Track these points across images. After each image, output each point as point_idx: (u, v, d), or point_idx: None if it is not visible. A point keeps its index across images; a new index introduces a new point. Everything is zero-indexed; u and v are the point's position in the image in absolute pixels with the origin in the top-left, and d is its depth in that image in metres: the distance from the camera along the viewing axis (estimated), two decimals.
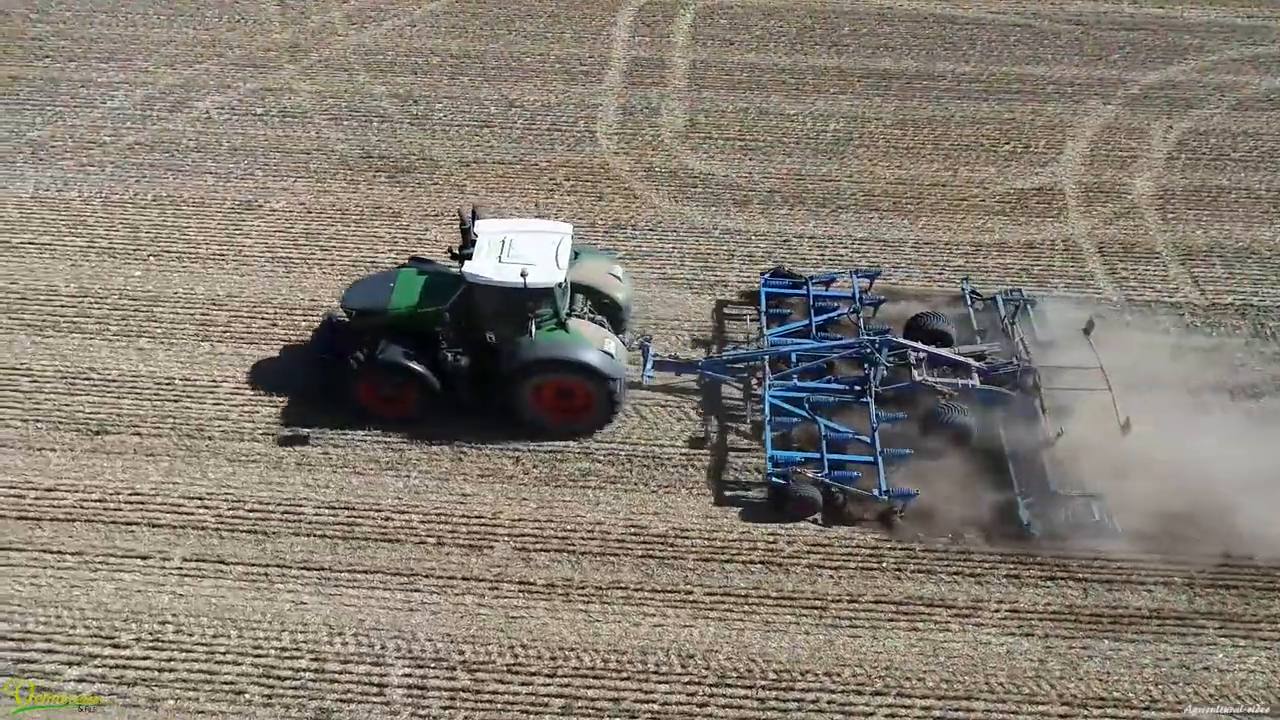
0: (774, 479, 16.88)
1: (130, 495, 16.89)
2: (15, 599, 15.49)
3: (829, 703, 14.68)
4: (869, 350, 18.03)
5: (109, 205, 22.38)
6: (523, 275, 16.47)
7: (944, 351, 18.46)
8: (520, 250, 17.08)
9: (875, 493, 16.63)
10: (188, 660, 14.87)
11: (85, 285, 20.49)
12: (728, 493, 17.29)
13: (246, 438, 17.79)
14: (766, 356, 18.73)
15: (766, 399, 17.90)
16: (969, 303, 20.00)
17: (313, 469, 17.37)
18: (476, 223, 17.74)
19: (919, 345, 18.41)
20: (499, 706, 14.55)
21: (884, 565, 16.30)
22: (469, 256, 17.13)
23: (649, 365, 18.36)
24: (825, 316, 19.77)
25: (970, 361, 18.28)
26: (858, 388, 18.10)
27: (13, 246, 21.23)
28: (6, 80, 25.79)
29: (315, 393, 18.12)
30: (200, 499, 16.87)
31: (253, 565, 16.02)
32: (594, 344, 17.31)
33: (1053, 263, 21.80)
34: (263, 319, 19.90)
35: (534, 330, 17.08)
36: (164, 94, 25.56)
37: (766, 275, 20.60)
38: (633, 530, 16.63)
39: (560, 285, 17.10)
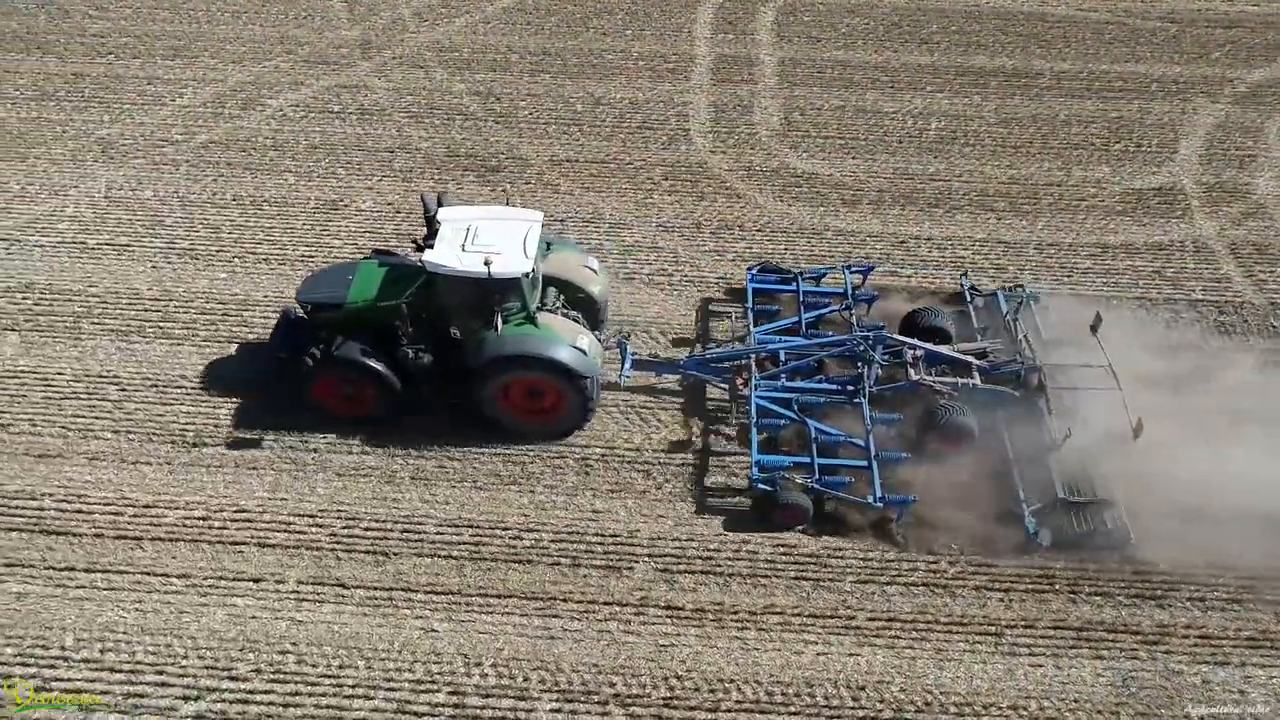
0: (760, 485, 15.64)
1: (235, 512, 15.65)
2: (121, 626, 14.19)
3: None
4: (862, 347, 16.76)
5: (187, 205, 21.22)
6: (487, 264, 15.07)
7: (942, 349, 17.14)
8: (485, 238, 15.71)
9: (870, 500, 15.40)
10: (314, 695, 13.55)
11: (168, 288, 19.28)
12: (710, 500, 15.99)
13: (355, 450, 16.51)
14: (753, 355, 17.36)
15: (753, 400, 16.56)
16: (969, 299, 18.68)
17: (429, 484, 16.14)
18: (440, 210, 16.38)
19: (915, 342, 17.09)
20: None
21: (1056, 587, 15.02)
22: (432, 246, 15.85)
23: (627, 364, 17.03)
24: (816, 313, 18.50)
25: (970, 359, 16.97)
26: (850, 388, 16.81)
27: (89, 249, 20.03)
28: (70, 77, 24.68)
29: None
30: (312, 516, 15.62)
31: (375, 589, 14.75)
32: (565, 339, 15.96)
33: (1185, 265, 20.66)
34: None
35: (500, 324, 15.69)
36: (234, 91, 24.46)
37: (753, 270, 19.32)
38: (782, 550, 15.40)
39: (528, 275, 15.70)
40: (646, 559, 15.22)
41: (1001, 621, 14.65)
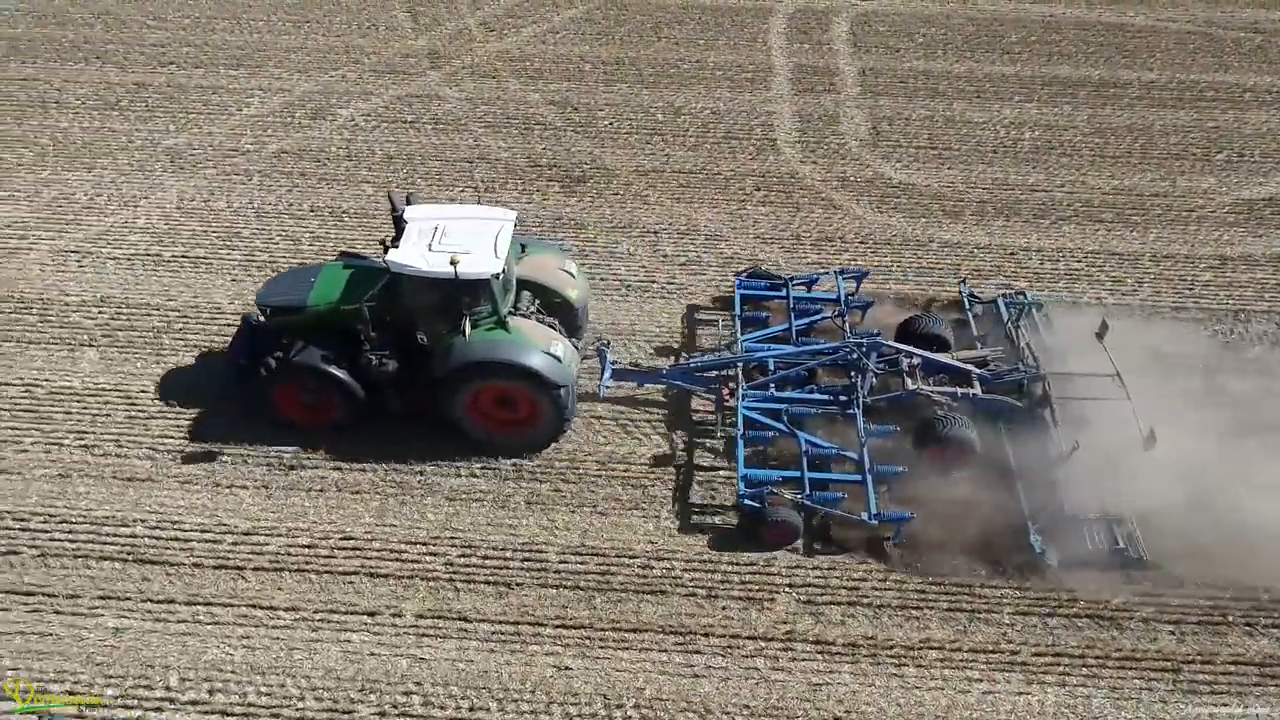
0: (746, 501, 14.60)
1: (342, 540, 14.57)
2: (228, 664, 13.08)
3: None
4: (855, 355, 15.74)
5: (262, 216, 20.30)
6: (453, 264, 14.04)
7: (941, 357, 16.14)
8: (454, 238, 14.72)
9: (864, 516, 14.34)
10: None
11: (250, 303, 18.21)
12: (694, 517, 14.97)
13: (463, 473, 15.48)
14: (740, 363, 16.28)
15: (740, 411, 15.52)
16: (968, 306, 17.74)
17: (546, 508, 15.09)
18: (408, 208, 15.39)
19: (913, 349, 16.08)
20: None
21: (1230, 619, 13.93)
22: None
23: (607, 374, 16.06)
24: (807, 320, 17.50)
25: (970, 368, 15.97)
26: (843, 398, 15.76)
27: (165, 261, 19.07)
28: (131, 87, 23.86)
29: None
30: (424, 544, 14.54)
31: (500, 622, 13.65)
32: (537, 345, 14.93)
33: None
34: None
35: (468, 328, 14.64)
36: (302, 101, 23.64)
37: (741, 276, 18.35)
38: (931, 579, 14.29)
39: (498, 276, 14.67)
40: (787, 589, 14.15)
41: (1176, 657, 13.55)
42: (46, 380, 16.70)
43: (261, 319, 15.63)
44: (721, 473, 15.60)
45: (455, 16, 27.06)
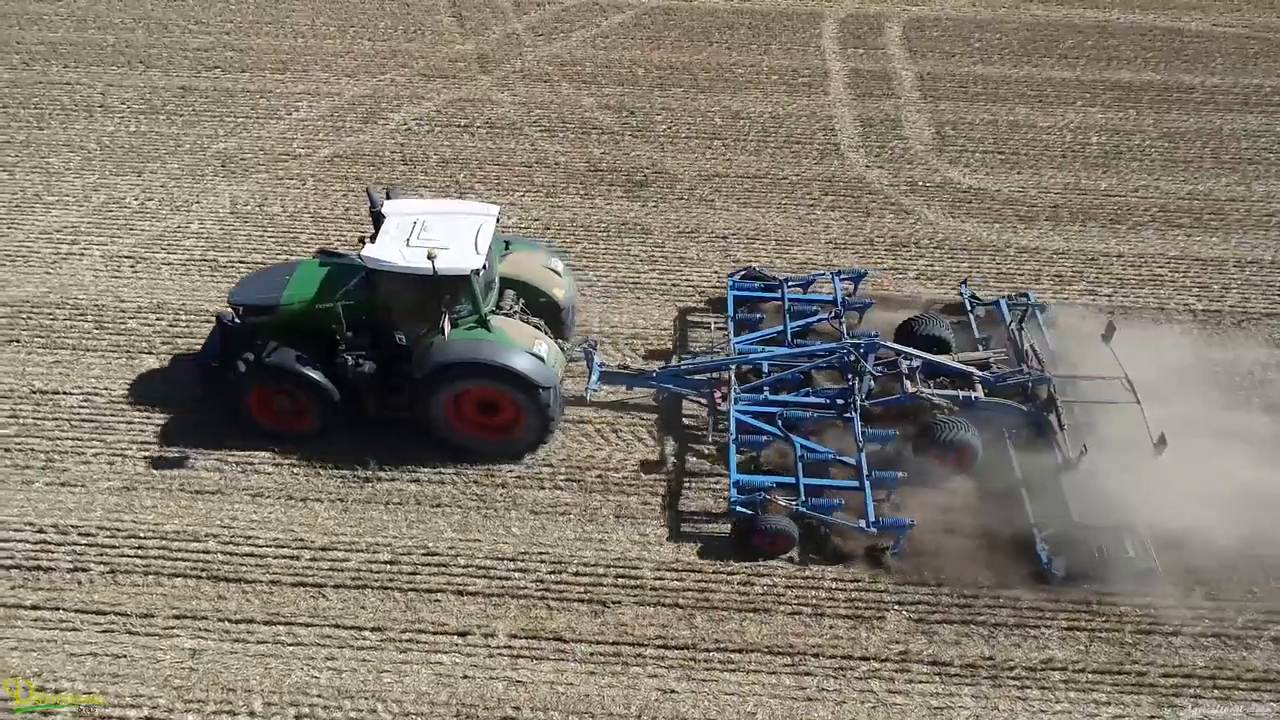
0: (738, 509, 13.91)
1: (425, 556, 13.84)
2: (314, 688, 12.32)
3: None
4: (853, 357, 15.12)
5: (320, 220, 19.68)
6: (431, 258, 13.38)
7: (942, 359, 15.50)
8: (433, 233, 14.06)
9: (862, 524, 13.64)
10: None
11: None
12: (685, 526, 14.29)
13: (547, 484, 14.80)
14: (732, 365, 15.68)
15: (732, 415, 14.88)
16: (969, 308, 17.07)
17: (637, 522, 14.35)
18: (387, 203, 14.74)
19: (912, 351, 15.43)
20: None
21: None
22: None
23: (595, 376, 15.46)
24: (803, 322, 16.88)
25: (972, 370, 15.33)
26: (840, 402, 15.12)
27: (221, 266, 18.41)
28: (177, 91, 23.34)
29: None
30: (512, 560, 13.82)
31: (597, 642, 12.91)
32: (520, 345, 14.21)
33: None
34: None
35: (447, 328, 13.93)
36: (352, 105, 23.11)
37: (734, 277, 17.76)
38: (1046, 595, 13.60)
39: (478, 272, 13.96)
40: (896, 607, 13.46)
41: None
42: (106, 389, 16.03)
43: (236, 319, 14.95)
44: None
45: (502, 21, 26.64)
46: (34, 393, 15.99)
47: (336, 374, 14.43)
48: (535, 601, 13.38)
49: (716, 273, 18.83)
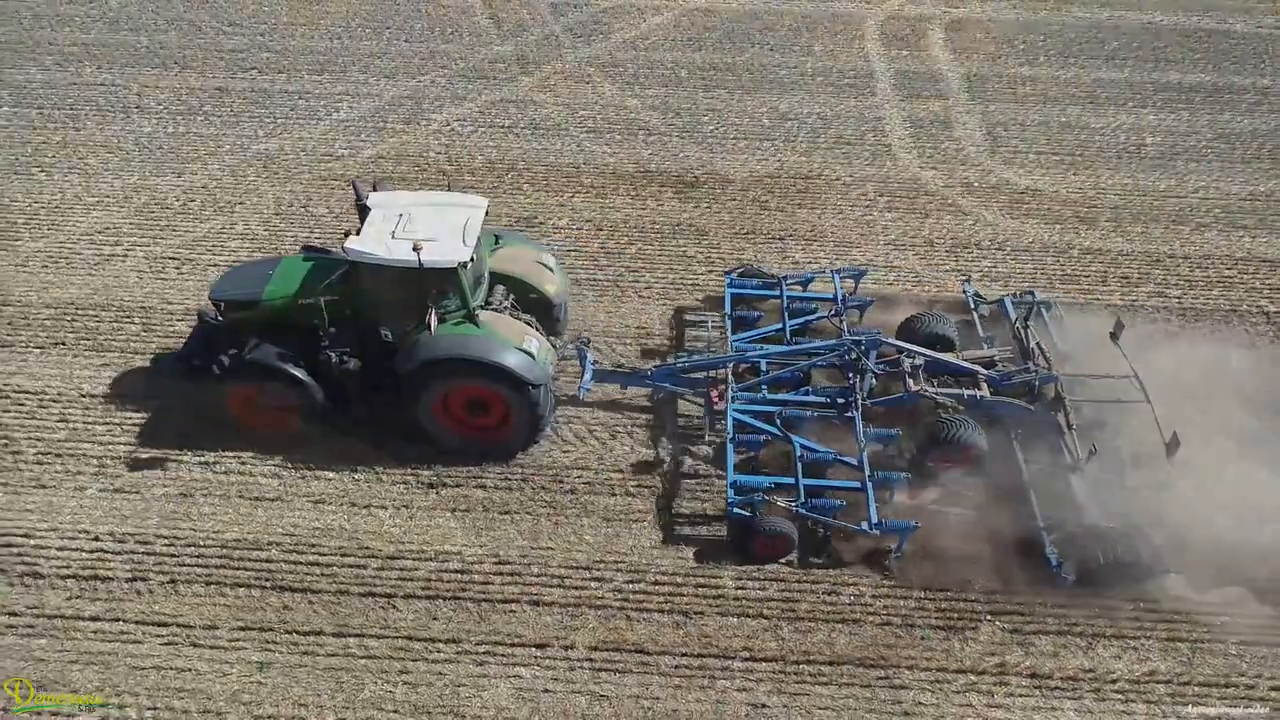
0: (736, 510, 13.45)
1: (496, 565, 13.32)
2: (389, 703, 11.78)
3: None
4: (853, 354, 14.68)
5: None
6: (416, 250, 12.99)
7: (946, 357, 15.07)
8: (419, 225, 13.64)
9: (864, 526, 13.14)
10: None
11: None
12: (679, 529, 13.78)
13: (618, 491, 14.26)
14: (730, 364, 15.23)
15: (729, 414, 14.44)
16: (973, 306, 16.64)
17: (713, 529, 13.98)
18: (372, 195, 14.32)
19: (915, 348, 15.01)
20: None
21: None
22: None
23: (587, 375, 15.00)
24: (802, 320, 16.46)
25: (977, 369, 14.92)
26: (841, 400, 14.66)
27: None
28: (214, 92, 22.93)
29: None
30: (587, 569, 13.30)
31: (682, 654, 12.37)
32: (510, 341, 13.79)
33: None
34: (595, 350, 16.15)
35: (434, 323, 13.55)
36: (393, 106, 22.71)
37: (732, 275, 17.31)
38: (1145, 605, 12.96)
39: (465, 265, 13.53)
40: (989, 618, 12.94)
41: None
42: (157, 393, 15.39)
43: (217, 315, 14.54)
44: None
45: (540, 23, 26.28)
46: (83, 396, 15.50)
47: (321, 372, 14.00)
48: (614, 612, 12.85)
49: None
